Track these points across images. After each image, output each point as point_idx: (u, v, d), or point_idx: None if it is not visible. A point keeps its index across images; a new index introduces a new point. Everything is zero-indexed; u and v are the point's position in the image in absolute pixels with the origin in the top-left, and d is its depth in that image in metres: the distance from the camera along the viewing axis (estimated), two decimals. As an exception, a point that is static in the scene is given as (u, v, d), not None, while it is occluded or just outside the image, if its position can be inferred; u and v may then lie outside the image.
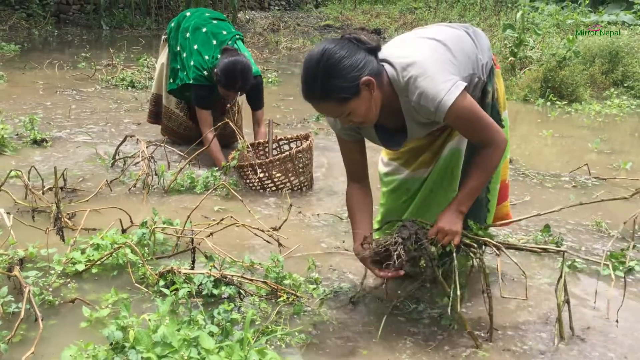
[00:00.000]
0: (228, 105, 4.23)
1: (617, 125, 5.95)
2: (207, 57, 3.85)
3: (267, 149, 3.83)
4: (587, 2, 10.69)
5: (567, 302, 2.12)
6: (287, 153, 3.45)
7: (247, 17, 13.97)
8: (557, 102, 6.61)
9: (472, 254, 2.10)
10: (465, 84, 1.98)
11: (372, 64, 1.95)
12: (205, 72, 3.83)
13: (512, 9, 13.19)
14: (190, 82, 3.86)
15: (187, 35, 3.95)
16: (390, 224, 2.30)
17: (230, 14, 12.78)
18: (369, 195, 2.30)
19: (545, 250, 2.34)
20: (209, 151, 3.85)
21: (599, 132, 5.50)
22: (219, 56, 3.76)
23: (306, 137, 3.84)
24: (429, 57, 1.99)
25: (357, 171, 2.28)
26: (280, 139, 3.95)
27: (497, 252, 2.09)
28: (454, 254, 2.04)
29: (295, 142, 3.92)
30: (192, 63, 3.87)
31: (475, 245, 2.11)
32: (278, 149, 3.93)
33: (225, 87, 3.69)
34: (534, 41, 7.89)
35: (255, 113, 4.09)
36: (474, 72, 2.14)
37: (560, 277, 2.11)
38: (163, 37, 4.25)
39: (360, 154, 2.27)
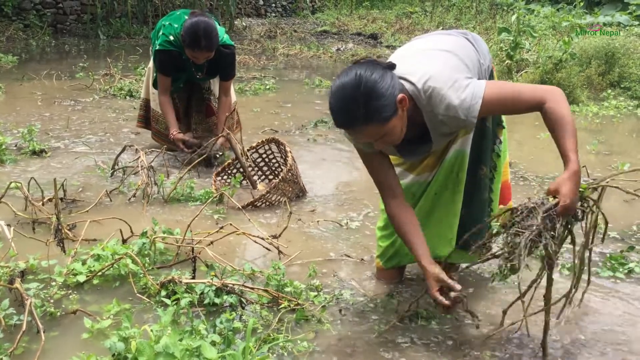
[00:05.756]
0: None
1: (615, 127, 5.97)
2: (176, 26, 3.87)
3: (240, 166, 3.78)
4: (582, 3, 10.72)
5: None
6: (281, 176, 3.42)
7: (244, 24, 13.99)
8: (555, 105, 6.61)
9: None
10: (485, 81, 2.00)
11: (398, 82, 1.96)
12: (171, 37, 3.84)
13: (507, 12, 13.22)
14: (157, 47, 3.88)
15: (163, 23, 3.99)
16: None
17: (227, 21, 12.81)
18: (411, 210, 2.23)
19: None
20: (163, 114, 4.09)
21: (597, 134, 5.52)
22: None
23: (273, 141, 3.81)
24: (445, 68, 2.01)
25: (390, 184, 2.21)
26: (248, 150, 3.89)
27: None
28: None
29: (262, 148, 3.89)
30: (161, 33, 3.90)
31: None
32: (249, 160, 3.89)
33: (189, 46, 3.72)
34: (530, 44, 7.92)
35: (223, 83, 4.13)
36: (479, 78, 2.18)
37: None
38: (151, 47, 4.29)
39: (388, 165, 2.22)
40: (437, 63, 2.04)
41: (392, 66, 2.00)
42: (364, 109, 1.88)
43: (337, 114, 1.93)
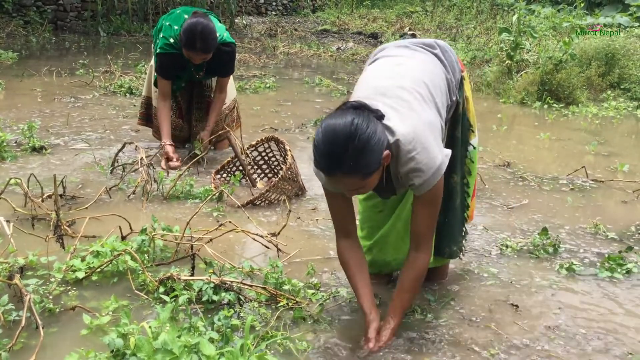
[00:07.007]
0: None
1: (614, 128, 5.98)
2: (176, 27, 3.86)
3: (239, 164, 3.79)
4: (582, 4, 10.73)
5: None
6: (280, 175, 3.40)
7: (245, 22, 13.99)
8: (554, 105, 6.63)
9: None
10: (446, 163, 2.00)
11: (385, 137, 1.88)
12: (171, 40, 3.83)
13: (508, 12, 13.23)
14: (158, 51, 3.87)
15: (163, 22, 3.98)
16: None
17: (228, 19, 12.81)
18: (362, 252, 2.23)
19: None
20: (159, 121, 4.04)
21: (596, 135, 5.53)
22: None
23: (273, 140, 3.80)
24: (423, 130, 1.95)
25: (347, 224, 2.17)
26: (248, 148, 3.88)
27: None
28: None
29: (262, 146, 3.88)
30: (161, 35, 3.89)
31: None
32: (248, 158, 3.87)
33: (185, 46, 3.71)
34: (530, 44, 7.92)
35: (220, 79, 4.11)
36: (450, 103, 2.19)
37: None
38: (152, 45, 4.28)
39: (348, 205, 2.16)
40: (416, 119, 1.96)
41: (381, 117, 1.91)
42: (352, 161, 1.79)
43: (323, 157, 1.83)
